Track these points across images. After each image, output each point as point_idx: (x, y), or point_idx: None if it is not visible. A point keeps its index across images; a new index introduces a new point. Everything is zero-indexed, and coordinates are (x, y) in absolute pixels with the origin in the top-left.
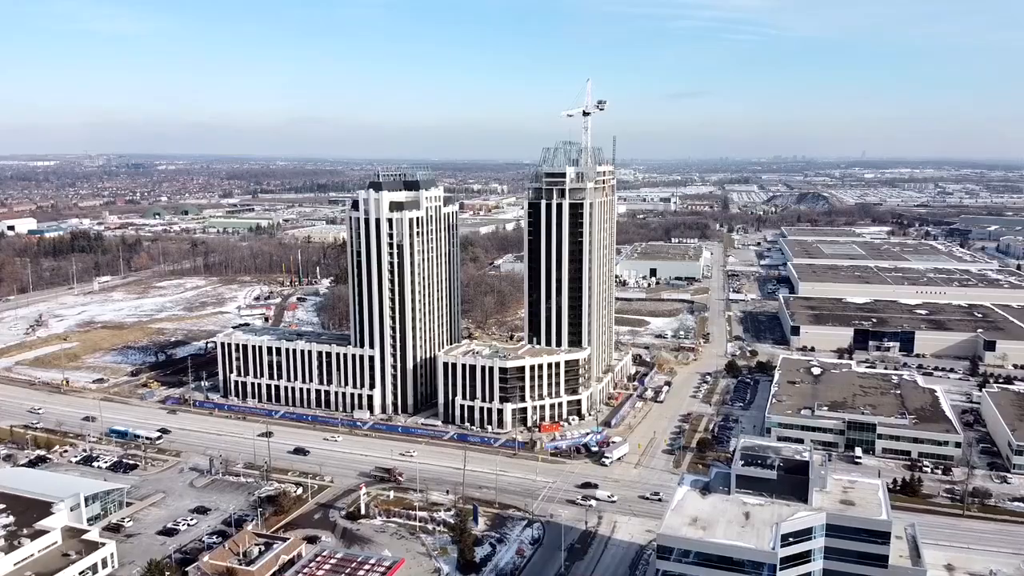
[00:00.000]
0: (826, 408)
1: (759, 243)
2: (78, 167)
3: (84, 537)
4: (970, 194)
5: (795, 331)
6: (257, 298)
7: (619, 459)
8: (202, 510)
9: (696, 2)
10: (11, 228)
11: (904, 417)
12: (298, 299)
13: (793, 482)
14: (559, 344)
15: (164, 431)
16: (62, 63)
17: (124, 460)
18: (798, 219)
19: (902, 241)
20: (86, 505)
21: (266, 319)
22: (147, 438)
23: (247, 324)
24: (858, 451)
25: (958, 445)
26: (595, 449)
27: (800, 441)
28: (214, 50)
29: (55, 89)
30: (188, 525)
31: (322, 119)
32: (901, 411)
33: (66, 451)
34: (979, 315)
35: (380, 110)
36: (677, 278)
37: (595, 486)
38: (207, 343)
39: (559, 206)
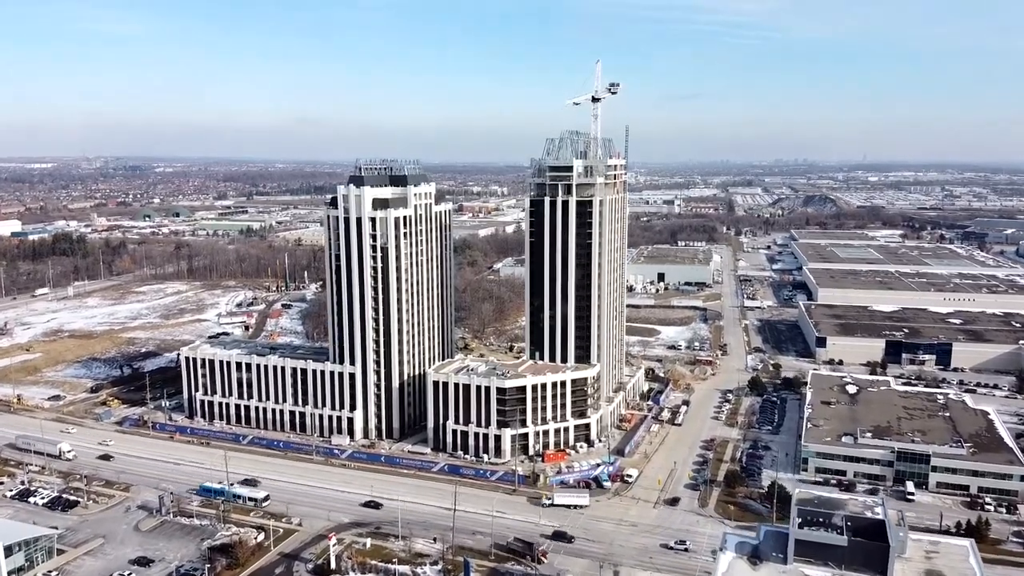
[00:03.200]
0: (869, 435)
1: (769, 246)
2: (75, 169)
3: None
4: (978, 197)
5: (820, 343)
6: (239, 304)
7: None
8: (144, 561)
9: (698, 5)
10: None
11: (960, 445)
12: (283, 305)
13: (868, 549)
14: (564, 359)
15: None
16: (61, 64)
17: (64, 495)
18: (806, 222)
19: (919, 244)
20: (7, 555)
21: (247, 327)
22: (251, 499)
23: (226, 333)
24: (910, 486)
25: (1023, 479)
26: (606, 483)
27: (843, 473)
28: (214, 52)
29: (54, 90)
30: None
31: (322, 121)
32: (956, 438)
33: (2, 483)
34: (1017, 324)
35: (380, 112)
36: (687, 283)
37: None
38: (178, 355)
39: (565, 204)
